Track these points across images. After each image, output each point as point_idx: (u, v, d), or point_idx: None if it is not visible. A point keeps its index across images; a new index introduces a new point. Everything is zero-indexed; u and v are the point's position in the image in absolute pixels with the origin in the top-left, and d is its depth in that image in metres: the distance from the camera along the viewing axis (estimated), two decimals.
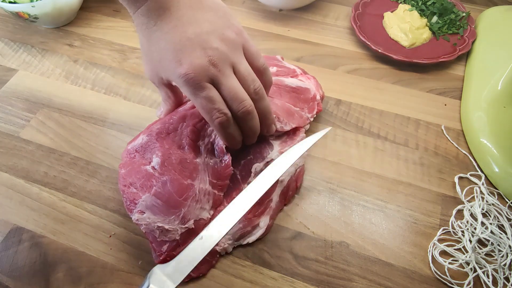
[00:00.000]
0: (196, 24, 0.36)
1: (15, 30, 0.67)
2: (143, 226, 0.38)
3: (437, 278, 0.40)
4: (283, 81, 0.50)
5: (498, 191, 0.46)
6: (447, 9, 0.62)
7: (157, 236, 0.38)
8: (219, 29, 0.37)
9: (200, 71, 0.35)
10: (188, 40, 0.36)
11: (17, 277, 0.41)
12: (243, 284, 0.40)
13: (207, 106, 0.36)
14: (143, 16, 0.37)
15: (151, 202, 0.38)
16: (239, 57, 0.38)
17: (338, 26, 0.66)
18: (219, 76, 0.36)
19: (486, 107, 0.50)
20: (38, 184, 0.48)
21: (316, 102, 0.51)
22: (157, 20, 0.36)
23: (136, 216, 0.38)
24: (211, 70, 0.36)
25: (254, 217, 0.42)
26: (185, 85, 0.36)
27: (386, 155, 0.50)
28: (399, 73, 0.58)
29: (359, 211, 0.45)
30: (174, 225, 0.38)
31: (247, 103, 0.37)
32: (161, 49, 0.37)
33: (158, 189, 0.39)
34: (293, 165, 0.46)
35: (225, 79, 0.36)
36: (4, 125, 0.54)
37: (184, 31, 0.36)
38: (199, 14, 0.37)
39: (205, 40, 0.36)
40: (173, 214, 0.38)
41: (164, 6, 0.36)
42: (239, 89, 0.37)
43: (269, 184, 0.40)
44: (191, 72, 0.35)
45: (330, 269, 0.41)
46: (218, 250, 0.41)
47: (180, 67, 0.35)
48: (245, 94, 0.38)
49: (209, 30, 0.37)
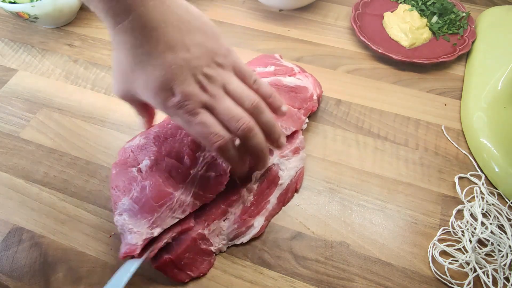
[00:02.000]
0: (185, 49, 0.34)
1: (15, 30, 0.67)
2: (119, 227, 0.38)
3: (437, 278, 0.40)
4: (281, 81, 0.50)
5: (498, 191, 0.46)
6: (447, 9, 0.62)
7: (125, 237, 0.38)
8: (209, 52, 0.36)
9: (192, 98, 0.34)
10: (178, 68, 0.34)
11: (17, 277, 0.41)
12: (243, 284, 0.40)
13: (203, 132, 0.35)
14: (126, 33, 0.33)
15: (128, 206, 0.38)
16: (229, 77, 0.36)
17: (338, 26, 0.66)
18: (211, 101, 0.35)
19: (486, 107, 0.50)
20: (38, 184, 0.48)
21: (313, 101, 0.51)
22: (143, 41, 0.33)
23: (116, 218, 0.39)
24: (202, 96, 0.35)
25: (249, 218, 0.43)
26: (177, 115, 0.35)
27: (386, 155, 0.50)
28: (399, 73, 0.58)
29: (359, 211, 0.45)
30: (141, 229, 0.38)
31: (245, 120, 0.35)
32: (147, 74, 0.34)
33: (136, 193, 0.39)
34: (293, 168, 0.46)
35: (217, 102, 0.35)
36: (4, 125, 0.54)
37: (173, 57, 0.34)
38: (188, 38, 0.35)
39: (195, 66, 0.34)
40: (144, 218, 0.38)
41: (150, 25, 0.33)
42: (233, 108, 0.36)
43: None
44: (183, 101, 0.34)
45: (330, 269, 0.41)
46: (213, 250, 0.41)
47: (172, 97, 0.34)
48: (241, 112, 0.36)
49: (198, 55, 0.35)
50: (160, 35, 0.33)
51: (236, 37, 0.64)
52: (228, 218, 0.42)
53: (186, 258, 0.40)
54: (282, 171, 0.45)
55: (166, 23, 0.33)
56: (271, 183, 0.45)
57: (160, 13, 0.33)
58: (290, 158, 0.46)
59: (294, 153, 0.47)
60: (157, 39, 0.33)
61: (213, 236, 0.41)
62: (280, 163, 0.45)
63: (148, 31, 0.33)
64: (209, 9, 0.69)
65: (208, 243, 0.41)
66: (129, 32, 0.33)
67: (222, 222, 0.42)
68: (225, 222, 0.42)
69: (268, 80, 0.49)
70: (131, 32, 0.33)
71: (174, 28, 0.34)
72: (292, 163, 0.46)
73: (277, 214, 0.45)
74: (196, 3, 0.70)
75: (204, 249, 0.41)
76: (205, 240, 0.41)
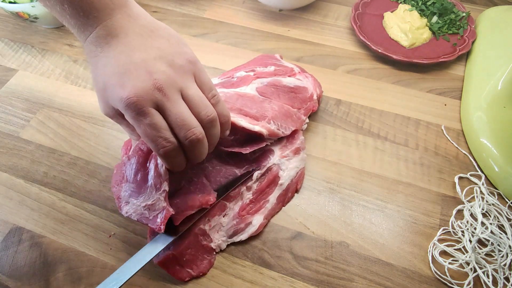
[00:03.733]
0: (144, 50, 0.34)
1: (15, 30, 0.67)
2: (133, 215, 0.38)
3: (437, 278, 0.40)
4: (281, 81, 0.50)
5: (498, 191, 0.46)
6: (447, 9, 0.62)
7: (148, 215, 0.38)
8: (169, 55, 0.34)
9: (144, 95, 0.32)
10: (133, 64, 0.33)
11: (17, 277, 0.41)
12: (243, 284, 0.40)
13: (151, 134, 0.33)
14: (92, 44, 0.34)
15: (129, 190, 0.38)
16: (188, 82, 0.35)
17: (338, 26, 0.66)
18: (164, 101, 0.33)
19: (486, 107, 0.50)
20: (38, 184, 0.48)
21: (313, 101, 0.51)
22: (104, 47, 0.34)
23: (125, 209, 0.38)
24: (156, 95, 0.32)
25: (247, 215, 0.43)
26: (127, 110, 0.32)
27: (386, 155, 0.50)
28: (399, 73, 0.58)
29: (359, 211, 0.45)
30: (154, 196, 0.38)
31: (196, 131, 0.34)
32: (105, 74, 0.34)
33: (128, 175, 0.39)
34: (294, 168, 0.46)
35: (171, 104, 0.33)
36: (4, 125, 0.54)
37: (130, 55, 0.33)
38: (148, 42, 0.35)
39: (151, 64, 0.33)
40: (147, 188, 0.38)
41: (113, 33, 0.34)
42: (187, 115, 0.34)
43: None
44: (133, 96, 0.32)
45: (330, 269, 0.41)
46: (213, 246, 0.42)
47: (122, 90, 0.32)
48: (195, 121, 0.34)
49: (157, 56, 0.34)
50: (120, 40, 0.34)
51: (236, 37, 0.64)
52: (228, 214, 0.43)
53: (188, 254, 0.40)
54: (282, 171, 0.45)
55: (127, 32, 0.34)
56: (271, 182, 0.45)
57: (124, 23, 0.34)
58: (291, 158, 0.46)
59: (294, 154, 0.47)
60: (117, 43, 0.34)
61: (213, 232, 0.42)
62: (281, 163, 0.45)
63: (110, 38, 0.34)
64: (209, 9, 0.69)
65: (209, 239, 0.41)
66: (94, 42, 0.34)
67: (222, 218, 0.43)
68: (224, 218, 0.43)
69: (267, 80, 0.49)
70: (95, 42, 0.34)
71: (136, 36, 0.34)
72: (292, 163, 0.46)
73: (277, 214, 0.45)
74: (196, 3, 0.70)
75: (205, 245, 0.41)
76: (205, 236, 0.41)
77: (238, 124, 0.43)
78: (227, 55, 0.62)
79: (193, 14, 0.68)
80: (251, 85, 0.49)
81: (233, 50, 0.62)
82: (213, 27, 0.66)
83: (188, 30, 0.65)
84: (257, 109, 0.46)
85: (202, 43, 0.63)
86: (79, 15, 0.34)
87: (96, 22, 0.34)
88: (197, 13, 0.68)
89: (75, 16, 0.34)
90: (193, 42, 0.64)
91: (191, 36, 0.65)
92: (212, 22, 0.67)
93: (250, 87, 0.48)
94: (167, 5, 0.70)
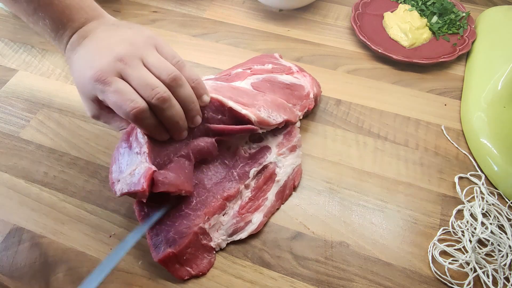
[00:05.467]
0: (107, 38, 0.38)
1: (15, 30, 0.67)
2: (124, 188, 0.37)
3: (437, 278, 0.40)
4: (276, 78, 0.50)
5: (498, 191, 0.46)
6: (447, 9, 0.62)
7: (134, 181, 0.36)
8: (130, 37, 0.37)
9: (106, 68, 0.35)
10: (98, 50, 0.37)
11: (17, 277, 0.41)
12: (243, 284, 0.40)
13: (118, 99, 0.35)
14: (68, 51, 0.39)
15: (118, 169, 0.39)
16: (148, 51, 0.37)
17: (338, 26, 0.66)
18: (125, 68, 0.35)
19: (486, 107, 0.50)
20: (38, 184, 0.48)
21: (309, 100, 0.51)
22: (77, 48, 0.38)
23: (117, 188, 0.38)
24: (117, 65, 0.35)
25: (247, 213, 0.43)
26: (95, 87, 0.35)
27: (386, 155, 0.50)
28: (399, 73, 0.58)
29: (359, 211, 0.45)
30: (136, 160, 0.38)
31: (160, 90, 0.35)
32: (79, 70, 0.37)
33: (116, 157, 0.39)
34: (290, 165, 0.46)
35: (132, 70, 0.35)
36: (4, 125, 0.54)
37: (97, 47, 0.37)
38: (114, 33, 0.38)
39: (114, 45, 0.37)
40: (132, 158, 0.38)
41: (84, 35, 0.38)
42: (149, 76, 0.36)
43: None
44: (98, 71, 0.35)
45: (330, 269, 0.41)
46: (213, 245, 0.42)
47: (90, 71, 0.35)
48: (157, 81, 0.36)
49: (119, 40, 0.37)
50: (90, 38, 0.38)
51: (236, 37, 0.64)
52: (227, 212, 0.43)
53: (188, 253, 0.40)
54: (279, 168, 0.46)
55: (96, 31, 0.39)
56: (268, 179, 0.45)
57: (94, 26, 0.39)
58: (287, 155, 0.46)
59: (291, 151, 0.47)
60: (87, 42, 0.38)
61: (213, 231, 0.42)
62: (278, 160, 0.46)
63: (82, 40, 0.38)
64: (209, 9, 0.69)
65: (208, 238, 0.41)
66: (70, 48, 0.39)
67: (222, 217, 0.43)
68: (224, 216, 0.43)
69: (262, 76, 0.49)
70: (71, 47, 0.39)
71: (102, 31, 0.39)
72: (288, 160, 0.46)
73: (277, 214, 0.45)
74: (196, 3, 0.70)
75: (205, 244, 0.41)
76: (205, 235, 0.41)
77: (225, 103, 0.42)
78: (227, 55, 0.62)
79: (193, 14, 0.68)
80: (246, 80, 0.48)
81: (233, 50, 0.62)
82: (213, 27, 0.66)
83: (188, 30, 0.65)
84: (248, 99, 0.45)
85: (202, 43, 0.63)
86: (58, 28, 0.38)
87: (72, 31, 0.39)
88: (197, 13, 0.68)
89: (55, 29, 0.39)
90: (193, 42, 0.64)
91: (191, 36, 0.65)
92: (212, 22, 0.67)
93: (245, 82, 0.48)
94: (167, 5, 0.70)
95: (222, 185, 0.44)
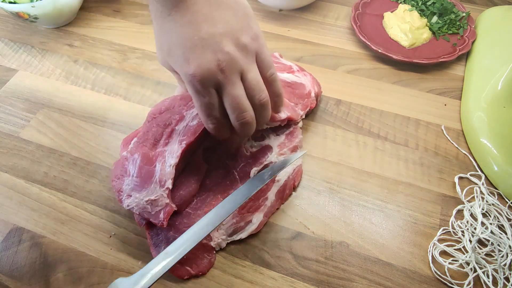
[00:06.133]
0: (211, 22, 0.34)
1: (15, 30, 0.67)
2: (135, 208, 0.39)
3: (437, 278, 0.40)
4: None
5: (498, 191, 0.46)
6: (447, 9, 0.62)
7: (150, 210, 0.39)
8: (235, 31, 0.35)
9: (207, 76, 0.34)
10: (200, 40, 0.34)
11: (17, 277, 0.41)
12: (243, 284, 0.40)
13: (206, 111, 0.37)
14: (158, 3, 0.35)
15: (132, 183, 0.39)
16: (249, 64, 0.36)
17: (338, 26, 0.66)
18: (225, 83, 0.35)
19: (486, 107, 0.50)
20: (38, 184, 0.48)
21: (310, 99, 0.51)
22: (172, 10, 0.34)
23: (126, 202, 0.39)
24: (218, 76, 0.35)
25: (247, 213, 0.43)
26: (190, 85, 0.35)
27: (386, 155, 0.50)
28: (399, 73, 0.58)
29: (359, 211, 0.45)
30: (157, 192, 0.39)
31: (247, 115, 0.37)
32: (171, 41, 0.35)
33: (131, 169, 0.40)
34: (290, 165, 0.46)
35: (230, 87, 0.35)
36: (4, 125, 0.54)
37: (198, 29, 0.34)
38: (217, 13, 0.35)
39: (218, 42, 0.34)
40: (151, 183, 0.39)
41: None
42: (243, 99, 0.36)
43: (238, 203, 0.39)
44: (198, 75, 0.34)
45: (330, 269, 0.41)
46: (213, 245, 0.42)
47: (188, 66, 0.34)
48: (248, 105, 0.37)
49: (224, 31, 0.35)
50: (189, 6, 0.34)
51: None
52: None
53: (188, 252, 0.40)
54: None
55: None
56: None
57: None
58: (288, 156, 0.46)
59: (292, 151, 0.47)
60: (185, 9, 0.34)
61: (213, 230, 0.42)
62: (278, 160, 0.46)
63: (179, 0, 0.34)
64: None
65: (208, 237, 0.41)
66: (161, 2, 0.35)
67: None
68: None
69: None
70: (162, 2, 0.34)
71: (204, 3, 0.35)
72: None
73: (277, 214, 0.45)
74: None
75: (205, 244, 0.41)
76: None
77: None
78: None
79: None
80: None
81: None
82: None
83: None
84: None
85: None
86: None
87: None
88: None
89: None
90: None
91: None
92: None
93: None
94: None
95: (223, 184, 0.44)
